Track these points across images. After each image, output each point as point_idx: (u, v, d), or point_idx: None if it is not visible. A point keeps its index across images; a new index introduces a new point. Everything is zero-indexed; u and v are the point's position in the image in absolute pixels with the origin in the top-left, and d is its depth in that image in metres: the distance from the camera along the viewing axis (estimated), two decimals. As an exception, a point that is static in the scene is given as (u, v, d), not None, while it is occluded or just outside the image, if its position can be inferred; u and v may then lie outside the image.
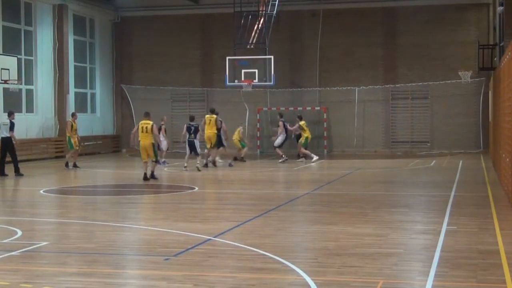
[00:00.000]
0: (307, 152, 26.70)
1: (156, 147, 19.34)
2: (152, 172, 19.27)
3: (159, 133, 24.36)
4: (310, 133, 26.94)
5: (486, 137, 30.40)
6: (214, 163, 24.06)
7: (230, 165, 24.07)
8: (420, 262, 8.39)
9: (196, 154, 22.31)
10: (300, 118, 27.03)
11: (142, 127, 19.02)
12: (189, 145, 22.28)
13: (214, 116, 23.73)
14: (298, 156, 27.10)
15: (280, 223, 11.63)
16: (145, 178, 19.06)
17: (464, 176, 20.15)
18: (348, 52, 32.68)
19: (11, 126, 20.85)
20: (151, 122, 19.07)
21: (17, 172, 20.77)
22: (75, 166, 23.74)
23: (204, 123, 23.67)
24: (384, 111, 32.72)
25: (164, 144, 24.86)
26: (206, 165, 23.36)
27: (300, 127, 26.71)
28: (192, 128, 22.26)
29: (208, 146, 23.63)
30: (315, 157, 26.26)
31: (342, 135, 30.93)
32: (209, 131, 23.46)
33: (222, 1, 32.35)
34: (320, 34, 32.48)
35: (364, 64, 32.52)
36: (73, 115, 24.76)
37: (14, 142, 20.94)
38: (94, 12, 33.55)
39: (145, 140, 18.96)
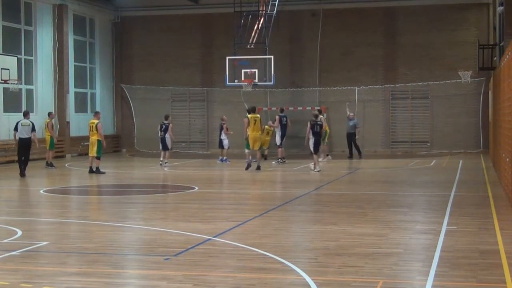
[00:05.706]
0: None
1: (101, 144, 21.61)
2: (97, 168, 21.51)
3: (221, 132, 26.15)
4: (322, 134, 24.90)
5: (486, 137, 30.39)
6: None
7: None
8: (420, 262, 8.39)
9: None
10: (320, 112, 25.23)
11: (90, 126, 21.72)
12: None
13: (258, 116, 23.02)
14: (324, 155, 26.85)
15: (280, 223, 11.63)
16: (91, 171, 21.42)
17: (464, 176, 20.15)
18: (348, 52, 32.66)
19: (33, 127, 21.21)
20: (96, 121, 21.57)
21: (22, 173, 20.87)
22: (51, 165, 24.15)
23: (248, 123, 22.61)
24: (384, 111, 32.71)
25: (225, 143, 26.02)
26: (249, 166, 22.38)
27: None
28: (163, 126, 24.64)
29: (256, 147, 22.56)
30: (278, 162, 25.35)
31: (342, 135, 30.77)
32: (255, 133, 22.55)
33: (222, 1, 32.34)
34: (320, 34, 32.47)
35: (364, 64, 32.51)
36: (50, 114, 25.57)
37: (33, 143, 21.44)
38: (94, 12, 33.54)
39: (92, 137, 21.69)
